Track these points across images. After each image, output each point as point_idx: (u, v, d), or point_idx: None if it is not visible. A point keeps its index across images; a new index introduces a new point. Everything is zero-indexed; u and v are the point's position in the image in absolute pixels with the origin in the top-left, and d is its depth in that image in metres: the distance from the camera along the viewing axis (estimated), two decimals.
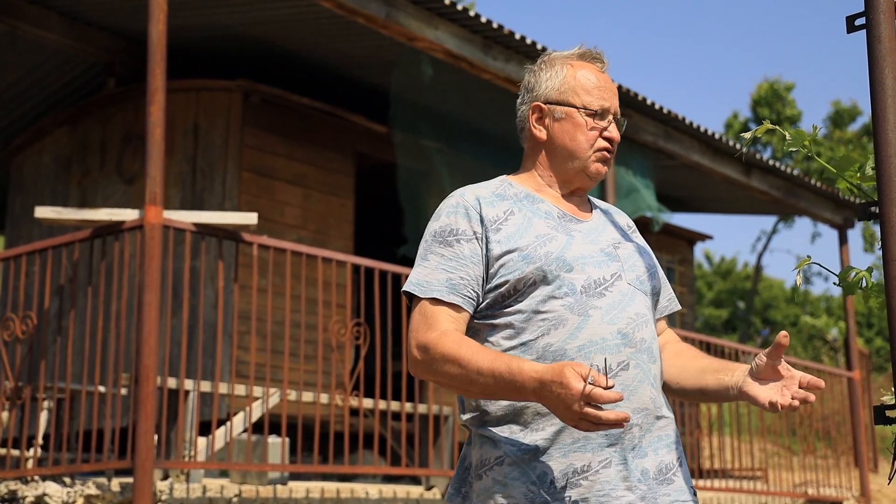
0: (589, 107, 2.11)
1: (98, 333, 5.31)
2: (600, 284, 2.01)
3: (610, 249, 2.07)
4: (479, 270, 2.02)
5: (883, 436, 14.57)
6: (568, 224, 2.09)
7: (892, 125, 1.79)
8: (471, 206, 2.06)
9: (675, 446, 2.03)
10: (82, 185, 8.50)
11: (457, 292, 2.00)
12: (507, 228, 2.04)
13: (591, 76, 2.14)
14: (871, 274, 2.10)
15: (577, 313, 1.97)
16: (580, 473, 1.92)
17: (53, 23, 7.46)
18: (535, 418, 1.96)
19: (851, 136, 24.77)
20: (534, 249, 2.00)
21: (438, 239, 2.05)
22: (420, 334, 1.99)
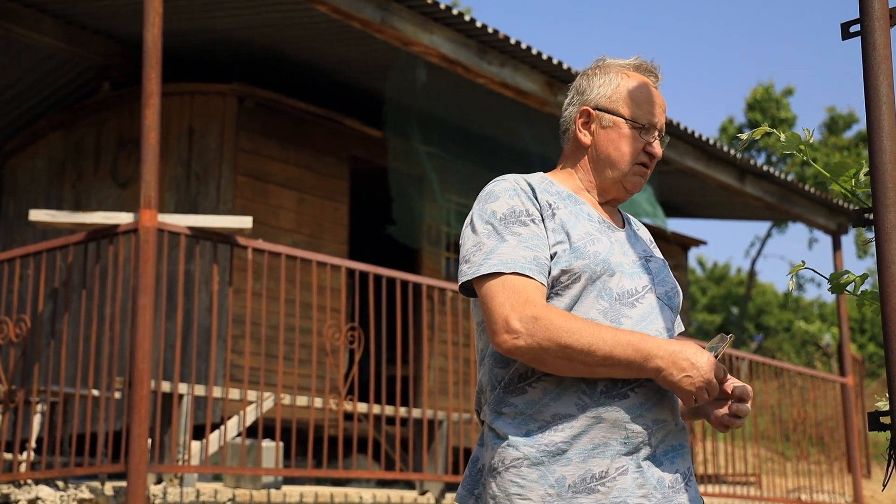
0: (638, 120, 2.10)
1: (92, 337, 5.30)
2: (632, 295, 2.00)
3: (642, 262, 2.07)
4: (549, 251, 1.99)
5: (876, 441, 14.60)
6: (607, 230, 2.08)
7: (887, 132, 1.79)
8: (528, 190, 2.02)
9: (687, 455, 2.05)
10: (76, 188, 8.49)
11: (543, 272, 1.95)
12: (560, 216, 2.01)
13: (645, 90, 2.13)
14: (865, 280, 2.10)
15: (610, 319, 1.96)
16: (598, 479, 1.91)
17: (48, 26, 7.45)
18: (554, 419, 1.93)
19: (847, 142, 24.83)
20: (584, 246, 1.98)
21: (511, 219, 1.98)
22: (521, 307, 1.90)
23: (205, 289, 7.26)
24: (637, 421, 1.95)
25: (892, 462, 1.77)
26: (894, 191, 1.77)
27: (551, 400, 1.94)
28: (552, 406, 1.93)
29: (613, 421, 1.94)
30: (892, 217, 1.76)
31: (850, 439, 9.96)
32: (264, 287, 5.67)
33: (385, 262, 8.32)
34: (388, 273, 6.25)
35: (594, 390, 1.93)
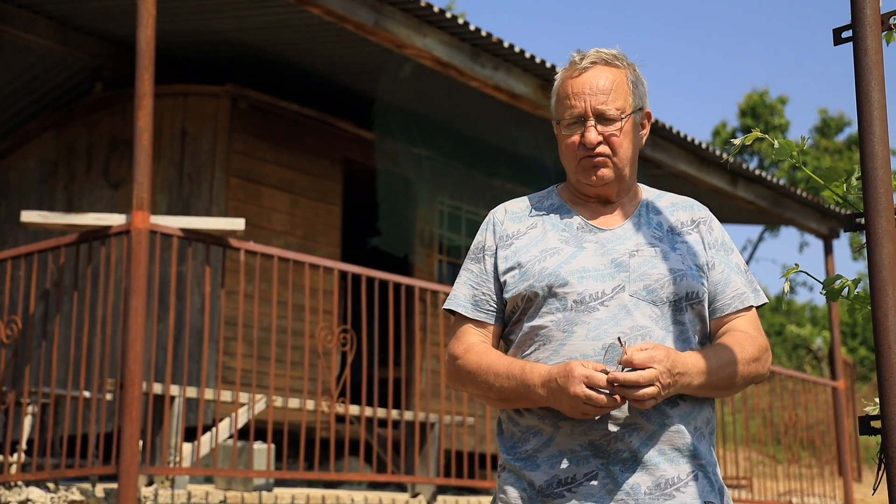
0: (561, 119, 2.11)
1: (83, 338, 5.29)
2: (596, 298, 1.99)
3: (623, 259, 2.03)
4: (497, 286, 2.10)
5: (867, 445, 14.64)
6: (584, 235, 2.08)
7: (879, 137, 1.80)
8: (497, 222, 2.15)
9: (684, 460, 1.97)
10: (69, 189, 8.47)
11: (479, 308, 2.11)
12: (519, 243, 2.09)
13: (566, 86, 2.10)
14: (857, 285, 2.11)
15: (563, 329, 1.98)
16: (564, 485, 1.94)
17: (41, 27, 7.44)
18: (527, 430, 2.02)
19: (839, 146, 24.89)
20: (532, 266, 2.04)
21: (470, 255, 2.17)
22: (451, 346, 2.12)
23: (197, 290, 7.25)
24: (600, 426, 1.94)
25: (882, 466, 1.77)
26: (886, 195, 1.78)
27: (518, 414, 2.04)
28: (525, 418, 2.02)
29: (572, 427, 1.95)
30: (884, 222, 1.77)
31: (840, 443, 9.99)
32: (256, 289, 5.67)
33: (378, 265, 8.31)
34: (381, 275, 6.25)
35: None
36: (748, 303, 2.11)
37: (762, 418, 12.31)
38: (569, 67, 2.13)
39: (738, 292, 2.11)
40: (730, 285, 2.11)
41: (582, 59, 2.10)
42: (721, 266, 2.11)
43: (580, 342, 1.96)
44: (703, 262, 2.09)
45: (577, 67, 2.10)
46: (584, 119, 2.06)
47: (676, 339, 2.01)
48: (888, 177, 1.79)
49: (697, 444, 2.00)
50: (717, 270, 2.11)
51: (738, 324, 2.10)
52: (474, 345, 2.08)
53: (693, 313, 2.05)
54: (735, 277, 2.12)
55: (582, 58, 2.10)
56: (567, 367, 1.89)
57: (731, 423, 11.81)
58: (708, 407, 2.05)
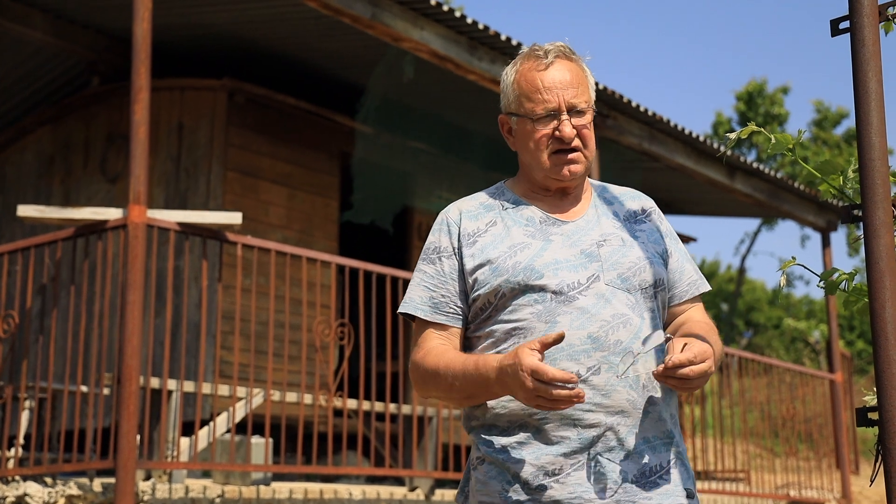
0: (531, 113, 2.06)
1: (81, 333, 5.29)
2: (574, 288, 1.99)
3: (592, 249, 2.04)
4: (459, 286, 2.07)
5: (864, 438, 14.65)
6: (549, 228, 2.07)
7: (876, 128, 1.80)
8: (453, 222, 2.11)
9: (665, 448, 2.00)
10: (65, 183, 8.46)
11: (439, 310, 2.07)
12: (483, 240, 2.06)
13: (533, 78, 2.07)
14: (854, 278, 2.11)
15: (545, 321, 1.97)
16: (551, 476, 1.94)
17: (37, 20, 7.42)
18: (510, 424, 1.99)
19: (836, 139, 24.88)
20: (503, 261, 2.02)
21: (424, 256, 2.13)
22: (413, 352, 2.09)
23: (194, 285, 7.24)
24: (588, 416, 1.94)
25: (879, 457, 1.77)
26: (883, 187, 1.78)
27: (503, 409, 2.00)
28: (506, 415, 2.00)
29: (561, 419, 1.95)
30: (881, 213, 1.77)
31: (838, 435, 10.00)
32: (254, 283, 5.66)
33: (375, 259, 8.31)
34: (378, 269, 6.24)
35: None
36: (702, 289, 2.18)
37: (760, 411, 12.31)
38: (530, 60, 2.09)
39: (692, 280, 2.18)
40: (685, 273, 2.17)
41: (546, 53, 2.08)
42: (676, 254, 2.16)
43: (565, 332, 1.94)
44: (662, 249, 2.13)
45: (543, 61, 2.07)
46: (558, 113, 2.05)
47: (649, 326, 2.03)
48: (885, 168, 1.79)
49: (674, 430, 2.03)
50: (674, 258, 2.15)
51: (696, 313, 2.16)
52: (433, 348, 2.04)
53: (658, 301, 2.09)
54: (687, 265, 2.18)
55: (546, 51, 2.08)
56: (516, 356, 1.84)
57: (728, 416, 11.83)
58: (675, 394, 2.07)
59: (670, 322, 2.15)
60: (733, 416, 10.06)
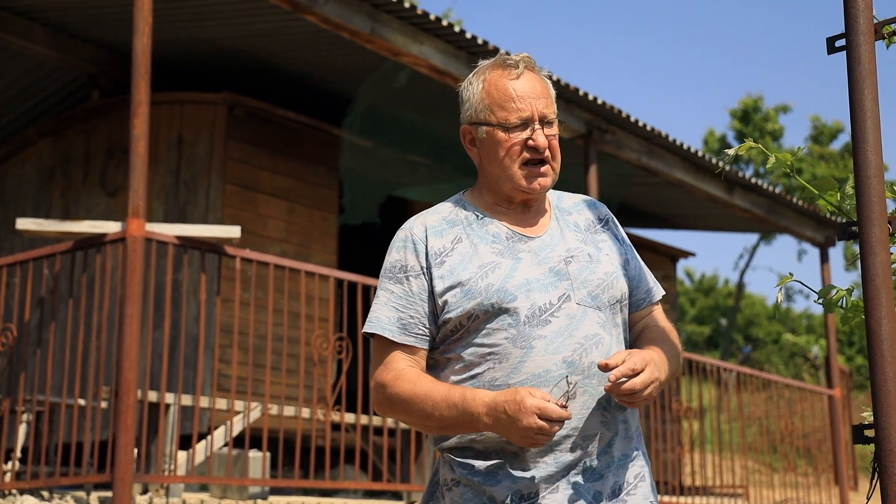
0: (504, 122, 2.02)
1: (79, 346, 5.28)
2: (546, 311, 1.95)
3: (560, 266, 2.00)
4: (428, 307, 2.00)
5: (863, 454, 14.63)
6: (516, 245, 2.02)
7: (872, 146, 1.80)
8: (418, 240, 2.03)
9: (633, 462, 1.99)
10: (65, 196, 8.47)
11: (408, 332, 2.00)
12: (451, 260, 2.00)
13: (505, 87, 2.03)
14: (852, 294, 2.11)
15: (520, 346, 1.93)
16: (527, 499, 1.92)
17: (38, 34, 7.44)
18: (485, 448, 1.96)
19: (834, 153, 24.92)
20: (475, 283, 1.96)
21: (389, 275, 2.05)
22: (378, 374, 2.01)
23: (193, 298, 7.24)
24: (565, 441, 1.93)
25: (876, 474, 1.77)
26: (879, 204, 1.78)
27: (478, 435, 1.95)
28: (481, 441, 1.96)
29: None
30: (877, 230, 1.77)
31: (837, 451, 9.98)
32: (252, 297, 5.66)
33: (374, 272, 8.31)
34: (377, 283, 6.24)
35: None
36: (659, 296, 2.16)
37: (759, 426, 12.30)
38: (500, 69, 2.06)
39: (649, 286, 2.15)
40: (642, 280, 2.14)
41: (517, 63, 2.05)
42: (633, 262, 2.13)
43: (540, 358, 1.93)
44: (623, 260, 2.10)
45: (514, 71, 2.04)
46: (531, 122, 2.02)
47: (617, 341, 2.01)
48: (881, 185, 1.79)
49: (638, 445, 2.03)
50: (631, 266, 2.12)
51: (657, 317, 2.14)
52: (404, 371, 1.98)
53: (624, 314, 2.07)
54: (645, 272, 2.16)
55: (515, 62, 2.06)
56: (516, 397, 1.82)
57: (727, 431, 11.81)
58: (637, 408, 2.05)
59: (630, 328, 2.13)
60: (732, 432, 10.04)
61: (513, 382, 1.92)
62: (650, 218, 11.76)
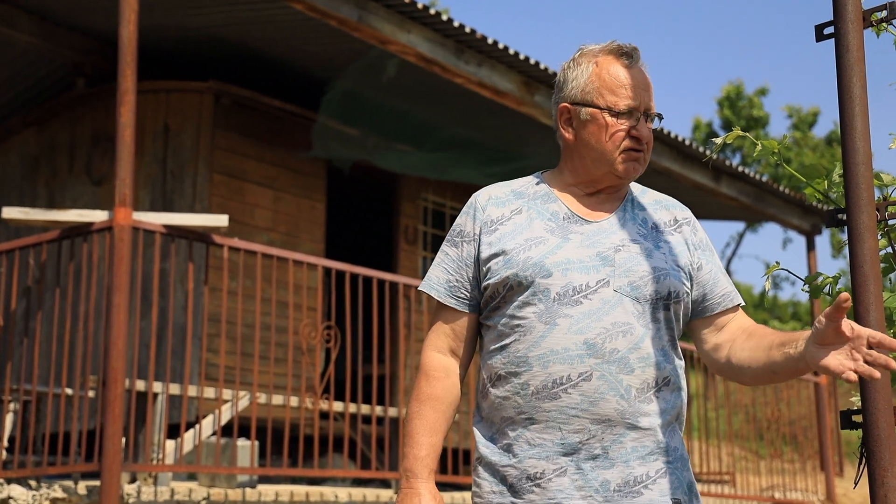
0: (614, 107, 2.05)
1: (66, 335, 5.27)
2: (579, 291, 1.97)
3: (609, 253, 2.01)
4: (473, 272, 2.09)
5: (848, 440, 14.72)
6: (570, 226, 2.05)
7: (860, 133, 1.81)
8: (479, 207, 2.12)
9: (654, 457, 1.97)
10: (50, 185, 8.42)
11: (451, 294, 2.10)
12: (504, 229, 2.07)
13: (618, 73, 2.06)
14: (839, 281, 2.12)
15: (545, 321, 1.97)
16: (533, 480, 1.95)
17: (22, 22, 7.39)
18: (502, 422, 2.02)
19: (818, 142, 24.98)
20: (517, 253, 2.02)
21: (449, 238, 2.16)
22: (427, 338, 2.15)
23: (180, 287, 7.22)
24: (573, 421, 1.94)
25: (863, 460, 1.78)
26: (867, 191, 1.79)
27: (500, 404, 2.02)
28: (500, 411, 2.02)
29: (546, 422, 1.96)
30: (865, 217, 1.78)
31: (823, 438, 10.04)
32: (240, 286, 5.65)
33: (362, 261, 8.30)
34: (365, 272, 6.24)
35: (526, 391, 1.97)
36: (736, 301, 2.13)
37: (745, 414, 12.36)
38: (613, 56, 2.09)
39: (727, 291, 2.13)
40: (718, 285, 2.12)
41: (631, 53, 2.09)
42: (708, 266, 2.12)
43: (562, 335, 1.95)
44: (685, 262, 2.08)
45: (629, 60, 2.08)
46: (636, 112, 2.06)
47: (654, 336, 2.01)
48: (869, 173, 1.80)
49: (669, 440, 2.00)
50: (705, 270, 2.11)
51: (744, 318, 2.12)
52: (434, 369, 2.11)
53: (671, 312, 2.05)
54: (721, 277, 2.14)
55: (630, 51, 2.09)
56: (406, 492, 2.01)
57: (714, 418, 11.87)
58: (681, 401, 2.05)
59: (714, 330, 2.11)
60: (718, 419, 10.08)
61: (532, 356, 1.97)
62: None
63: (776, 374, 1.95)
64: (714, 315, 2.11)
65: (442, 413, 2.07)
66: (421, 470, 2.01)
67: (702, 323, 2.12)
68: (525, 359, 1.97)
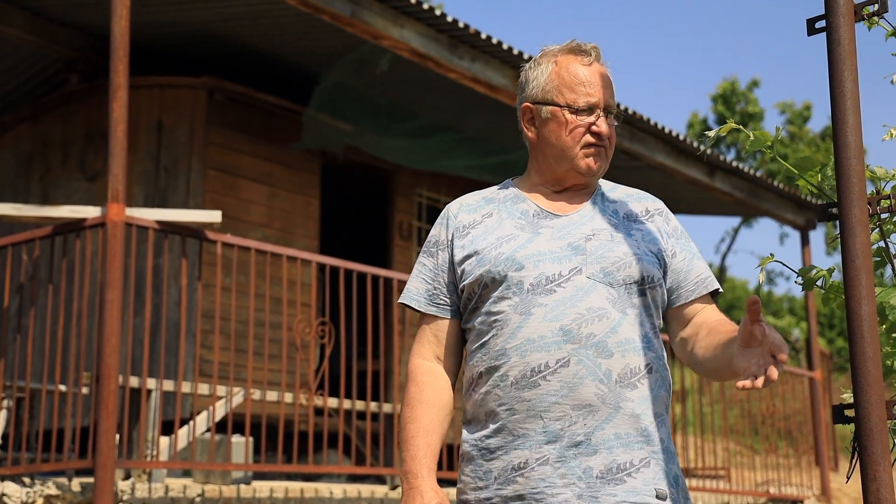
0: (573, 104, 2.09)
1: (59, 332, 5.26)
2: (552, 280, 2.00)
3: (579, 243, 2.04)
4: (450, 277, 2.12)
5: (843, 435, 14.75)
6: (540, 221, 2.09)
7: (852, 127, 1.80)
8: (451, 216, 2.17)
9: (639, 445, 1.97)
10: (44, 182, 8.41)
11: (433, 302, 2.13)
12: (475, 233, 2.11)
13: (577, 71, 2.11)
14: (832, 275, 2.12)
15: (520, 312, 1.99)
16: (517, 470, 1.96)
17: (14, 17, 7.36)
18: (486, 417, 2.03)
19: (813, 137, 25.00)
20: (488, 252, 2.05)
21: (424, 249, 2.20)
22: (413, 347, 2.18)
23: (174, 283, 7.21)
24: (553, 409, 1.95)
25: (856, 455, 1.78)
26: (859, 185, 1.79)
27: (482, 400, 2.04)
28: (482, 406, 2.04)
29: (527, 411, 1.96)
30: (857, 211, 1.78)
31: (817, 433, 10.05)
32: (234, 282, 5.64)
33: (356, 257, 8.30)
34: (359, 268, 6.23)
35: (505, 383, 1.99)
36: (712, 286, 2.13)
37: (740, 409, 12.37)
38: (572, 54, 2.13)
39: (702, 277, 2.13)
40: (692, 271, 2.13)
41: (590, 51, 2.14)
42: (683, 253, 2.13)
43: (537, 324, 1.97)
44: (657, 248, 2.10)
45: (586, 58, 2.13)
46: (596, 109, 2.10)
47: (632, 322, 2.02)
48: (861, 166, 1.80)
49: (655, 430, 2.00)
50: (679, 258, 2.13)
51: (711, 312, 2.11)
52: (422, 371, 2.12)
53: (647, 298, 2.06)
54: (697, 263, 2.15)
55: (589, 50, 2.14)
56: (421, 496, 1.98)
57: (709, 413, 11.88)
58: (665, 391, 2.05)
59: (684, 323, 2.11)
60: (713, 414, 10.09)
61: (509, 347, 1.98)
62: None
63: (719, 373, 1.96)
64: (688, 303, 2.11)
65: (434, 415, 2.07)
66: (420, 469, 2.01)
67: (675, 312, 2.13)
68: (503, 351, 1.99)
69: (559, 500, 1.92)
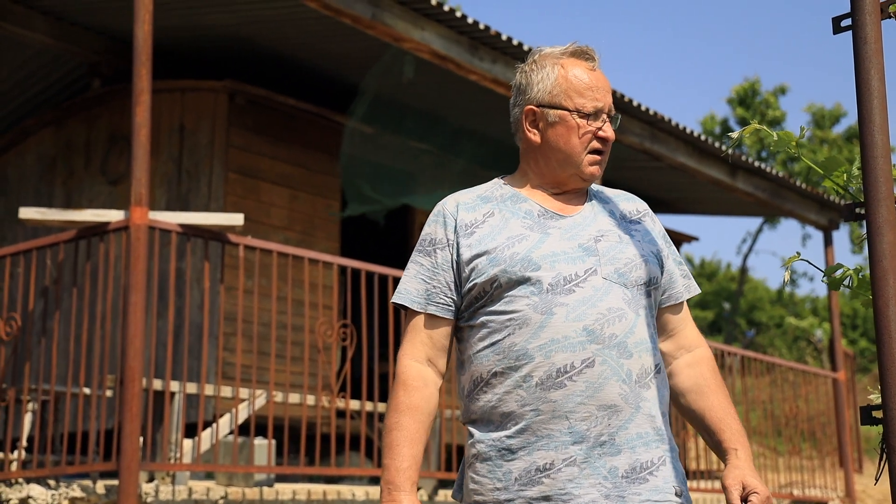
0: (582, 109, 2.09)
1: (83, 335, 5.29)
2: (570, 281, 2.00)
3: (590, 244, 2.05)
4: (451, 276, 2.08)
5: (868, 436, 14.64)
6: (547, 221, 2.09)
7: (879, 126, 1.79)
8: (449, 214, 2.13)
9: (656, 444, 1.99)
10: (67, 185, 8.46)
11: (432, 301, 2.09)
12: (481, 231, 2.08)
13: (583, 76, 2.11)
14: (860, 273, 2.10)
15: (541, 312, 1.98)
16: (543, 471, 1.95)
17: (38, 22, 7.42)
18: (502, 418, 2.00)
19: (836, 137, 24.84)
20: (501, 251, 2.03)
21: (419, 248, 2.14)
22: (401, 348, 2.12)
23: (196, 286, 7.24)
24: (579, 409, 1.95)
25: (884, 456, 1.77)
26: (886, 185, 1.77)
27: (499, 401, 2.00)
28: (500, 407, 2.00)
29: (552, 412, 1.96)
30: (884, 211, 1.76)
31: (841, 434, 9.98)
32: (256, 284, 5.66)
33: (377, 259, 8.30)
34: (380, 270, 6.24)
35: (529, 384, 1.97)
36: (693, 291, 2.21)
37: (763, 410, 12.30)
38: (578, 58, 2.14)
39: (686, 282, 2.21)
40: (679, 273, 2.20)
41: (593, 56, 2.15)
42: (671, 257, 2.19)
43: (561, 323, 1.97)
44: (657, 250, 2.15)
45: (591, 63, 2.14)
46: (601, 113, 2.11)
47: (644, 322, 2.05)
48: (888, 166, 1.79)
49: (664, 427, 2.03)
50: (670, 260, 2.18)
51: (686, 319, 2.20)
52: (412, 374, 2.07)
53: (652, 299, 2.11)
54: (680, 267, 2.21)
55: (592, 54, 2.15)
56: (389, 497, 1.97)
57: None
58: (667, 390, 2.10)
59: (664, 328, 2.17)
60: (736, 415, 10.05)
61: (531, 347, 1.97)
62: (652, 202, 11.71)
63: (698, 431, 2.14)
64: (676, 304, 2.18)
65: (422, 423, 2.05)
66: (403, 482, 1.99)
67: (659, 313, 2.18)
68: (525, 351, 1.98)
69: (586, 500, 1.92)
